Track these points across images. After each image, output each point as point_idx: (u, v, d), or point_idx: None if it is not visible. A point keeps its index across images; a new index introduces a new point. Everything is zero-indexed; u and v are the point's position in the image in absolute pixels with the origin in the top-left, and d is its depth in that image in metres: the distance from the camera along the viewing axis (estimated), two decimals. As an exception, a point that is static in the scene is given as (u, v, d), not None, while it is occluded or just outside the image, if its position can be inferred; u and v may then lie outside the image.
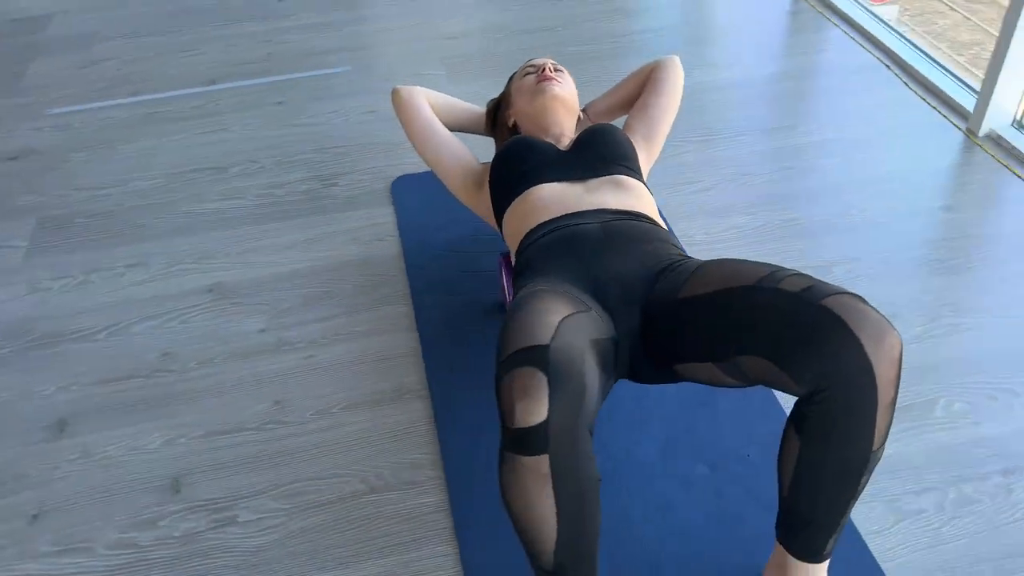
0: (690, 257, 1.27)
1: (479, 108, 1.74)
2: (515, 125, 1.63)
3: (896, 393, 0.98)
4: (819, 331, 0.96)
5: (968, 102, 2.23)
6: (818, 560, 1.10)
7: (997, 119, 2.14)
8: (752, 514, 1.32)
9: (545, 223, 1.34)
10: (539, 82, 1.55)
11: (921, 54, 2.48)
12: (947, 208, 1.94)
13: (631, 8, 2.86)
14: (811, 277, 1.04)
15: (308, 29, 2.81)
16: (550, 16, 2.82)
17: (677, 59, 1.68)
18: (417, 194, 2.03)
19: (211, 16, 2.92)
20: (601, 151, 1.46)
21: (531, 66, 1.62)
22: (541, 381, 0.93)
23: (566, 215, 1.34)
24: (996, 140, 2.14)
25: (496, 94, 2.40)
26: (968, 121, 2.19)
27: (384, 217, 1.97)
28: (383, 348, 1.64)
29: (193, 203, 2.05)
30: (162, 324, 1.72)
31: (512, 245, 1.43)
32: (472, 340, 1.64)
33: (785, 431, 1.07)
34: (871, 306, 0.98)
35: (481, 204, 1.58)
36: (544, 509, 0.96)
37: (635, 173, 1.45)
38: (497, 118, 1.69)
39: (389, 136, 2.25)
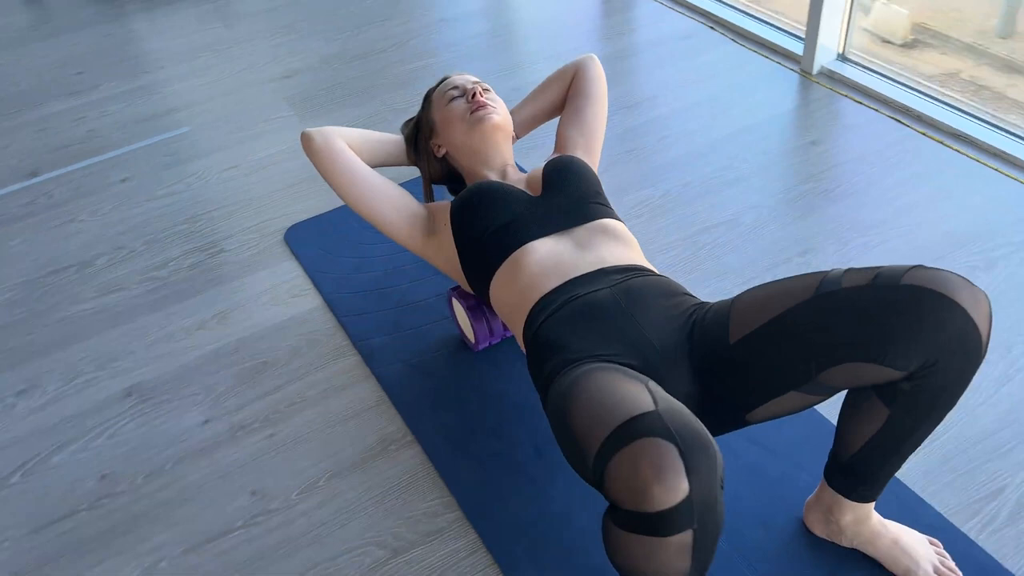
0: (704, 301, 1.23)
1: (393, 136, 1.57)
2: (446, 155, 1.53)
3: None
4: (918, 309, 0.94)
5: (794, 46, 2.43)
6: (873, 500, 1.15)
7: (825, 56, 2.34)
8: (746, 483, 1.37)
9: (549, 295, 1.23)
10: (474, 111, 1.44)
11: (737, 11, 2.67)
12: (813, 143, 2.10)
13: (450, 16, 2.86)
14: (861, 267, 1.02)
15: (123, 97, 2.58)
16: (379, 39, 2.77)
17: (596, 59, 1.59)
18: (315, 240, 1.92)
19: (3, 105, 2.61)
20: (573, 191, 1.37)
21: (454, 88, 1.49)
22: (671, 451, 0.82)
23: (570, 282, 1.23)
24: (828, 75, 2.35)
25: (360, 120, 2.32)
26: (800, 63, 2.39)
27: (290, 271, 1.85)
28: (347, 405, 1.54)
29: (67, 307, 1.82)
30: (85, 446, 1.51)
31: (509, 316, 1.30)
32: (438, 372, 1.57)
33: (858, 400, 1.07)
34: (947, 271, 0.97)
35: (436, 253, 1.44)
36: (679, 571, 0.89)
37: (609, 208, 1.38)
38: (419, 146, 1.56)
39: (261, 188, 2.12)
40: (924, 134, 2.08)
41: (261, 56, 2.73)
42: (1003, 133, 2.03)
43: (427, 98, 1.55)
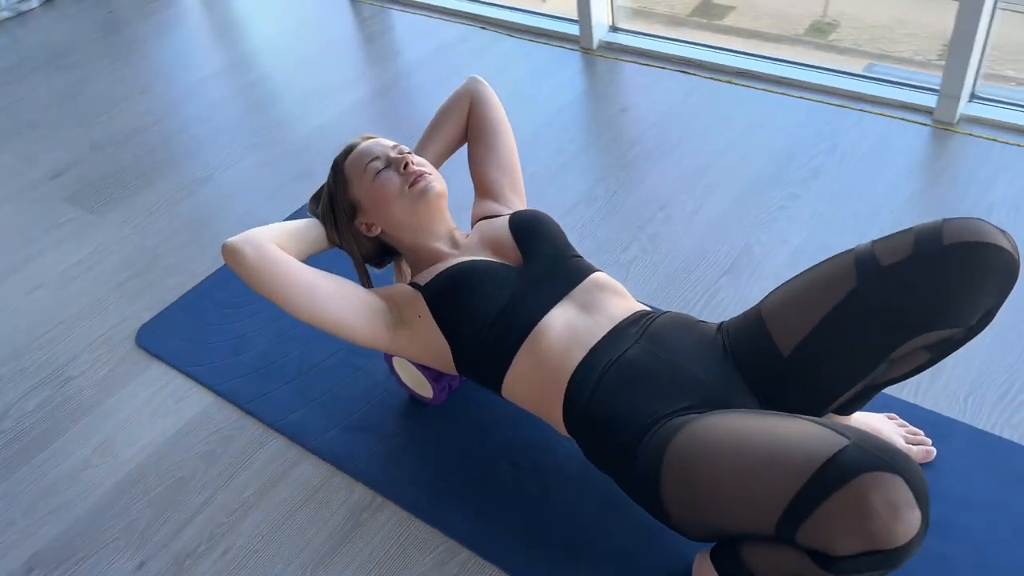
0: (718, 322, 1.24)
1: (307, 221, 1.36)
2: (381, 234, 1.36)
3: None
4: (973, 268, 0.95)
5: (569, 28, 2.56)
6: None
7: (600, 31, 2.49)
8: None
9: (580, 369, 1.16)
10: (412, 184, 1.29)
11: (503, 8, 2.75)
12: (622, 110, 2.23)
13: (209, 74, 2.70)
14: (886, 237, 1.03)
15: None
16: (143, 112, 2.54)
17: (482, 80, 1.49)
18: (174, 335, 1.73)
19: None
20: (551, 250, 1.30)
21: (375, 159, 1.31)
22: (898, 483, 0.79)
23: (593, 351, 1.17)
24: (607, 47, 2.50)
25: (167, 196, 2.11)
26: (579, 42, 2.52)
27: (161, 376, 1.65)
28: (294, 492, 1.41)
29: None
30: (0, 647, 1.26)
31: (537, 403, 1.22)
32: (380, 424, 1.48)
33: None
34: (974, 218, 0.99)
35: (410, 344, 1.28)
36: None
37: (584, 260, 1.33)
38: (341, 228, 1.36)
39: (84, 299, 1.86)
40: (713, 79, 2.28)
41: (15, 161, 2.41)
42: (779, 63, 2.27)
43: (338, 172, 1.35)
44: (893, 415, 1.34)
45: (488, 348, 1.23)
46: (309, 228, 1.35)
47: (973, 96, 1.99)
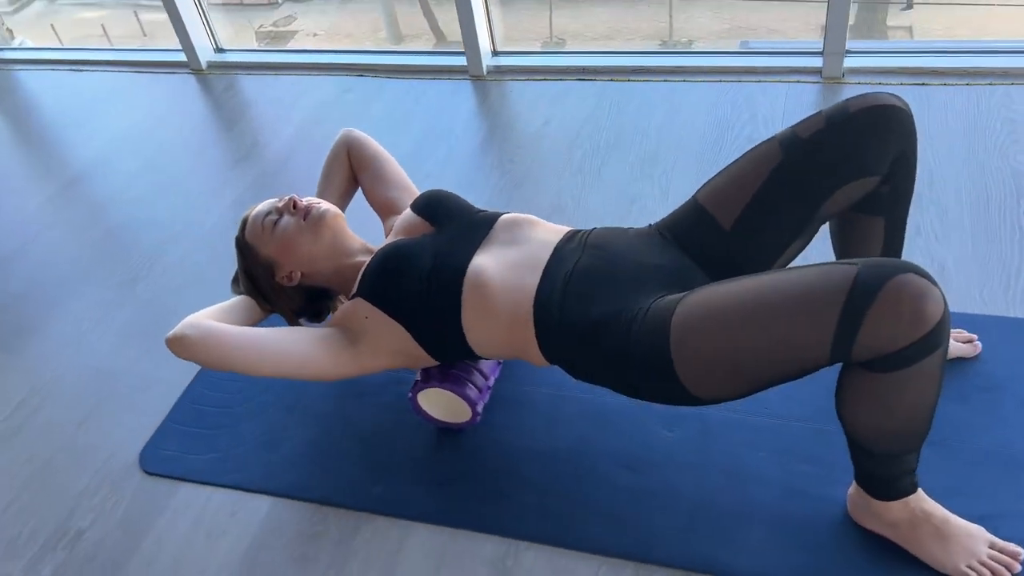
0: (650, 224, 1.34)
1: (236, 299, 1.42)
2: (303, 278, 1.41)
3: None
4: (877, 121, 1.13)
5: (454, 60, 2.57)
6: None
7: (486, 57, 2.53)
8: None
9: (539, 295, 1.21)
10: (305, 217, 1.36)
11: (382, 53, 2.71)
12: (546, 123, 2.27)
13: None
14: (800, 122, 1.18)
15: None
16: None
17: (351, 129, 1.58)
18: (183, 451, 1.52)
19: None
20: (459, 210, 1.39)
21: (267, 216, 1.37)
22: (914, 277, 0.92)
23: (545, 273, 1.23)
24: (496, 70, 2.54)
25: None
26: (468, 71, 2.54)
27: (196, 496, 1.45)
28: (423, 565, 1.29)
29: None
30: None
31: (508, 340, 1.25)
32: (477, 472, 1.40)
33: (852, 232, 1.24)
34: (871, 92, 1.16)
35: (375, 354, 1.30)
36: (937, 396, 1.02)
37: (488, 210, 1.41)
38: (267, 291, 1.41)
39: (46, 448, 1.59)
40: (612, 80, 2.39)
41: None
42: (666, 55, 2.43)
43: (243, 246, 1.40)
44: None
45: (435, 311, 1.25)
46: (241, 302, 1.41)
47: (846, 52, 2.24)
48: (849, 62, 2.20)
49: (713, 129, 2.11)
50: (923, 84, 2.11)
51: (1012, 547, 1.14)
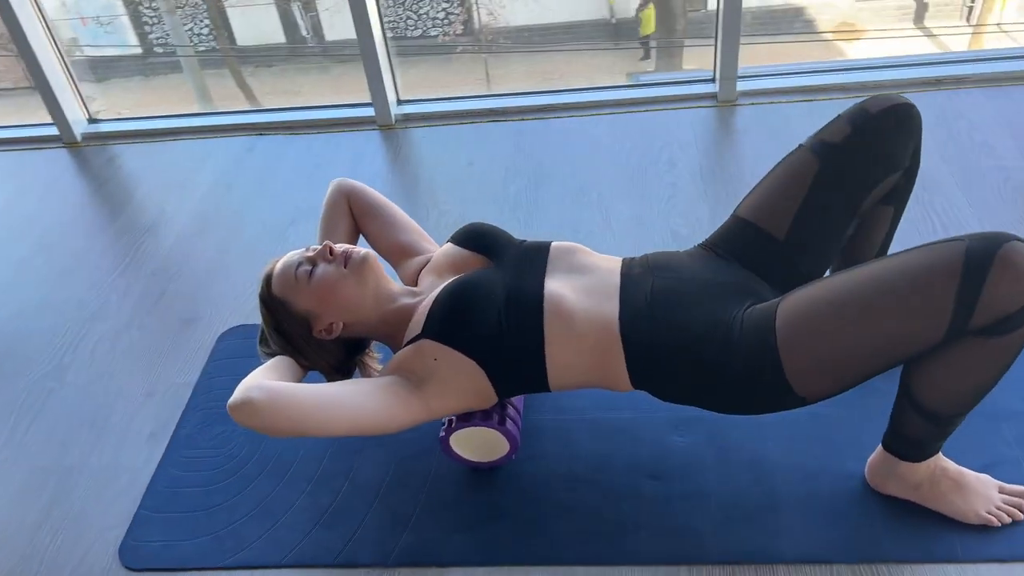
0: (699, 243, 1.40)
1: (275, 360, 1.30)
2: (345, 328, 1.33)
3: None
4: (898, 121, 1.23)
5: (360, 112, 2.56)
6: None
7: (393, 106, 2.53)
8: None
9: (624, 317, 1.21)
10: (346, 263, 1.29)
11: (286, 110, 2.63)
12: (470, 163, 2.29)
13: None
14: (821, 129, 1.28)
15: None
16: None
17: (344, 179, 1.53)
18: (169, 541, 1.39)
19: None
20: (507, 241, 1.37)
21: (298, 267, 1.29)
22: (1018, 244, 0.98)
23: (624, 297, 1.23)
24: (404, 118, 2.54)
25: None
26: (376, 121, 2.52)
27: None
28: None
29: None
30: None
31: (594, 367, 1.23)
32: (513, 507, 1.37)
33: (868, 213, 1.32)
34: (883, 94, 1.27)
35: (442, 396, 1.24)
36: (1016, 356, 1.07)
37: (527, 240, 1.40)
38: (303, 347, 1.32)
39: (19, 551, 1.41)
40: (523, 119, 2.45)
41: None
42: (562, 93, 2.52)
43: (272, 302, 1.31)
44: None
45: (516, 342, 1.22)
46: (282, 362, 1.30)
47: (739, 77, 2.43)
48: (741, 86, 2.38)
49: (634, 155, 2.22)
50: (810, 100, 2.33)
51: (1020, 488, 1.25)
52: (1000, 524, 1.22)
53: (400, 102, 2.57)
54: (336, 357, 1.37)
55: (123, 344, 1.83)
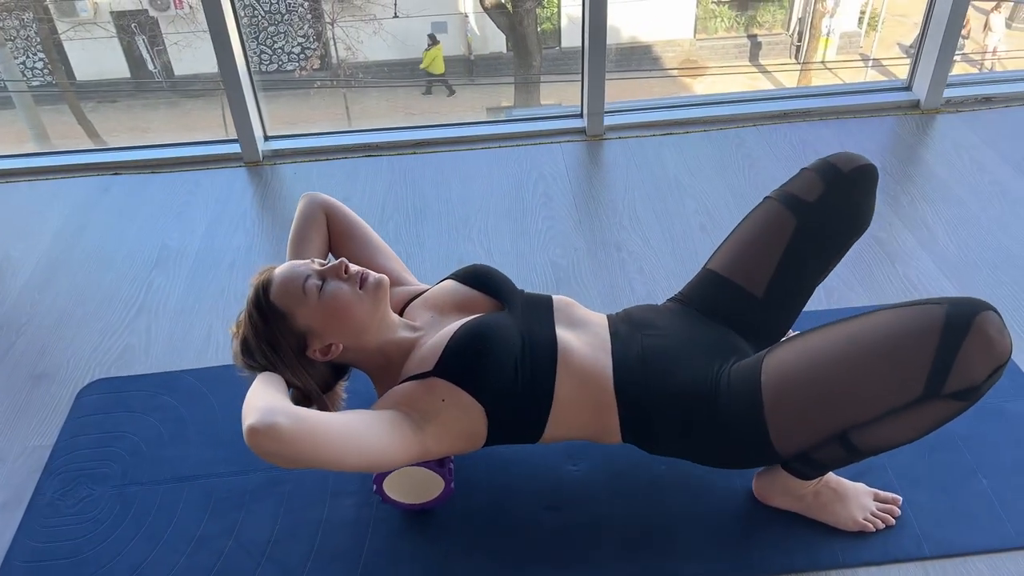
0: (673, 298, 1.42)
1: (266, 376, 1.17)
2: (342, 352, 1.24)
3: None
4: (865, 181, 1.27)
5: (225, 148, 2.46)
6: None
7: (261, 143, 2.45)
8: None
9: (617, 374, 1.22)
10: (362, 285, 1.22)
11: (150, 147, 2.49)
12: (346, 199, 2.24)
13: None
14: (789, 180, 1.31)
15: None
16: None
17: (318, 194, 1.44)
18: None
19: None
20: (513, 288, 1.36)
21: (307, 278, 1.20)
22: (988, 311, 1.00)
23: (617, 354, 1.25)
24: (273, 154, 2.47)
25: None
26: (244, 158, 2.43)
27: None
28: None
29: None
30: None
31: (590, 421, 1.24)
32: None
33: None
34: (844, 152, 1.29)
35: (441, 437, 1.18)
36: None
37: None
38: (292, 365, 1.21)
39: None
40: (399, 154, 2.44)
41: None
42: (456, 126, 2.53)
43: (271, 311, 1.21)
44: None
45: (527, 390, 1.21)
46: (276, 381, 1.17)
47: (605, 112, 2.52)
48: (609, 120, 2.47)
49: (510, 189, 2.24)
50: (672, 134, 2.44)
51: (891, 495, 1.34)
52: (875, 529, 1.30)
53: (268, 138, 2.50)
54: (326, 378, 1.28)
55: (-33, 405, 1.66)
